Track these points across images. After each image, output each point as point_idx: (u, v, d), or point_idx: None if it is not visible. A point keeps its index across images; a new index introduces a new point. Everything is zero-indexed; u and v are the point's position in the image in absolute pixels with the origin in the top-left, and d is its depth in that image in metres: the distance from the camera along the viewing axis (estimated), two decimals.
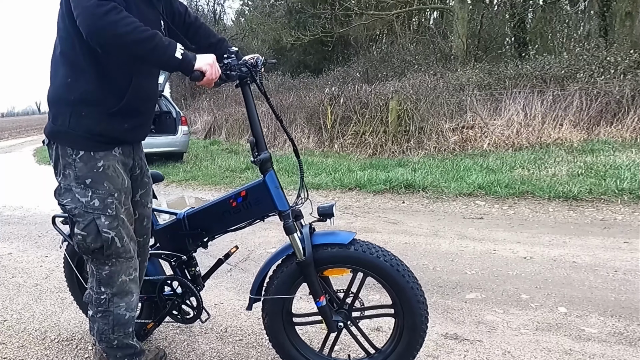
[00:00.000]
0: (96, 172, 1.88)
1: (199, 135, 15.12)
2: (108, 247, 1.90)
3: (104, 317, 2.03)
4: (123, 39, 1.61)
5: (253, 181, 2.20)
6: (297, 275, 2.13)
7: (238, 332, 2.84)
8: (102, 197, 1.88)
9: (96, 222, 1.87)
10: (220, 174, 8.26)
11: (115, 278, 1.98)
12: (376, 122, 9.50)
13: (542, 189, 5.54)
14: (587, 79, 10.09)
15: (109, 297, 1.99)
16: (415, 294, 2.06)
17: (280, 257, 2.18)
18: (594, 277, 3.37)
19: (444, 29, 20.34)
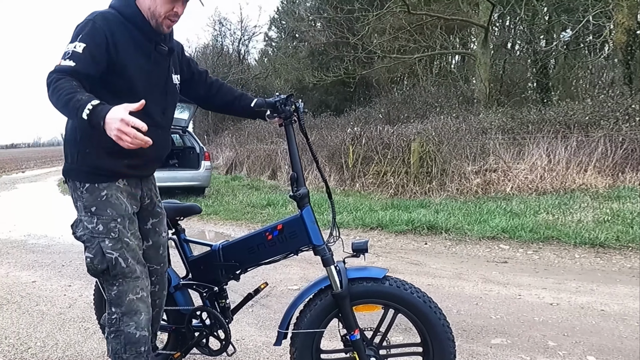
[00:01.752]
0: (100, 201, 2.02)
1: (220, 170, 15.30)
2: (113, 268, 2.00)
3: (116, 337, 2.09)
4: (56, 104, 1.77)
5: (289, 215, 2.25)
6: (331, 309, 2.14)
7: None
8: (105, 222, 2.01)
9: (101, 244, 2.00)
10: (242, 209, 8.32)
11: (123, 297, 2.05)
12: (398, 163, 9.54)
13: (567, 235, 5.47)
14: (612, 125, 10.05)
15: (119, 316, 2.07)
16: (445, 332, 2.07)
17: (315, 290, 2.18)
18: (623, 327, 3.29)
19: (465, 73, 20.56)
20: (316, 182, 10.78)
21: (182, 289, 2.57)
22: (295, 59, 22.98)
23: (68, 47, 1.84)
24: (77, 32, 1.88)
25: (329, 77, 17.23)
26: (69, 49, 1.83)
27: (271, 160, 12.76)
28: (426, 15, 17.36)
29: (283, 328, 2.22)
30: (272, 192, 10.36)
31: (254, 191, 10.54)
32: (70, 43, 1.85)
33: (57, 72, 1.79)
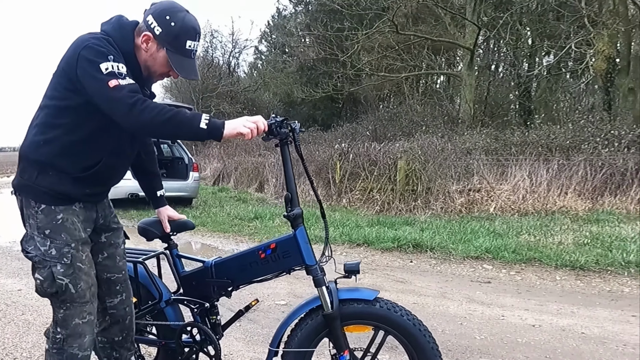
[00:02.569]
0: (55, 224, 1.99)
1: (207, 181, 15.24)
2: (62, 293, 2.00)
3: (59, 354, 2.09)
4: (151, 121, 1.79)
5: (283, 235, 2.25)
6: (321, 329, 2.14)
7: None
8: (59, 246, 1.99)
9: (52, 269, 1.98)
10: (229, 221, 8.30)
11: (69, 321, 2.05)
12: (384, 180, 9.60)
13: (549, 257, 5.55)
14: (592, 150, 10.25)
15: (64, 337, 2.06)
16: (435, 355, 2.08)
17: (306, 309, 2.18)
18: (603, 350, 3.34)
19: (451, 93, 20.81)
20: (303, 196, 10.79)
21: (172, 304, 2.55)
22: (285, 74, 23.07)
23: (108, 66, 1.82)
24: (102, 53, 1.85)
25: (317, 93, 17.34)
26: (115, 70, 1.82)
27: (259, 173, 12.75)
28: (414, 35, 17.59)
29: (274, 346, 2.22)
30: (260, 205, 10.35)
31: (241, 203, 10.52)
32: (105, 62, 1.82)
33: (133, 91, 1.81)
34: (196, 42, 2.01)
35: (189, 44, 1.98)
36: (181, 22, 1.95)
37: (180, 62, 1.99)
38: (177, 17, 1.95)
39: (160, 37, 1.95)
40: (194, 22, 2.00)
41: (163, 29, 1.95)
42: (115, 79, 1.80)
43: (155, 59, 2.01)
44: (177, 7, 1.99)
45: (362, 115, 19.60)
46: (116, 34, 1.98)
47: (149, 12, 1.99)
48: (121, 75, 1.83)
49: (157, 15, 1.95)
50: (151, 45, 1.98)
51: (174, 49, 1.97)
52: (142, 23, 2.01)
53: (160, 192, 2.56)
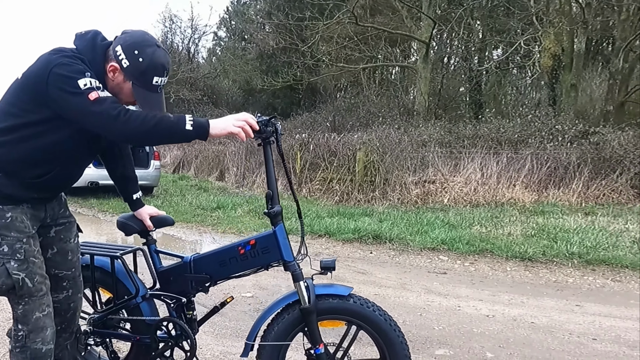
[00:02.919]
0: (4, 223, 1.98)
1: (167, 169, 14.99)
2: (20, 288, 2.00)
3: (23, 352, 2.10)
4: (136, 129, 1.82)
5: (262, 232, 2.30)
6: (297, 323, 2.19)
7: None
8: (10, 243, 1.99)
9: (6, 266, 1.98)
10: (192, 211, 8.22)
11: (29, 316, 2.06)
12: (344, 171, 9.71)
13: (500, 248, 5.79)
14: (538, 144, 10.69)
15: (26, 333, 2.07)
16: (403, 349, 2.18)
17: (283, 304, 2.23)
18: (551, 339, 3.55)
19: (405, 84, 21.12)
20: (263, 186, 10.79)
21: (148, 300, 2.55)
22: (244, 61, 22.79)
23: (87, 82, 1.82)
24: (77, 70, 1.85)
25: (278, 83, 17.23)
26: (92, 85, 1.82)
27: (219, 162, 12.64)
28: (372, 27, 17.71)
29: (251, 340, 2.27)
30: (221, 194, 10.28)
31: (203, 192, 10.42)
32: (82, 79, 1.82)
33: (114, 102, 1.84)
34: (163, 78, 1.99)
35: (155, 79, 1.96)
36: (149, 58, 1.92)
37: (145, 97, 1.97)
38: (145, 53, 1.92)
39: (127, 70, 1.92)
40: (163, 58, 1.97)
41: (130, 63, 1.92)
42: (95, 91, 1.81)
43: (122, 89, 1.98)
44: (147, 42, 1.95)
45: (321, 105, 19.67)
46: (88, 54, 1.95)
47: (118, 42, 1.95)
48: (100, 89, 1.84)
49: (125, 48, 1.92)
50: (117, 76, 1.96)
51: (140, 83, 1.95)
52: (111, 50, 1.96)
53: (137, 195, 2.55)
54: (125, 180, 2.54)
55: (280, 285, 4.59)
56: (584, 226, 7.00)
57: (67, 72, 1.82)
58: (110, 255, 2.50)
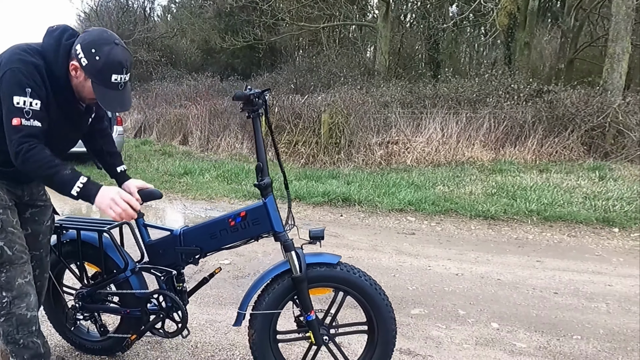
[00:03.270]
0: None
1: (128, 134, 14.56)
2: (0, 256, 2.07)
3: (8, 320, 2.16)
4: (32, 173, 1.98)
5: (252, 203, 2.33)
6: (288, 292, 2.26)
7: (209, 348, 2.91)
8: None
9: None
10: (159, 177, 8.09)
11: (12, 282, 2.12)
12: (309, 133, 9.70)
13: (463, 208, 5.99)
14: (495, 103, 10.91)
15: (10, 300, 2.13)
16: (388, 311, 2.29)
17: (274, 273, 2.28)
18: (516, 295, 3.76)
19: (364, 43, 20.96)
20: (229, 149, 10.69)
21: (137, 273, 2.56)
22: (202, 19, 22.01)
23: (21, 101, 1.87)
24: (21, 83, 1.88)
25: (239, 42, 16.77)
26: (25, 106, 1.87)
27: (182, 125, 12.37)
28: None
29: (243, 309, 2.32)
30: (187, 159, 10.12)
31: (167, 157, 10.23)
32: (19, 96, 1.87)
33: (27, 136, 1.89)
34: (123, 75, 1.99)
35: (114, 77, 1.96)
36: (106, 56, 1.93)
37: (105, 95, 1.99)
38: (102, 51, 1.93)
39: (85, 68, 1.95)
40: (121, 55, 1.97)
41: (88, 61, 1.94)
42: (19, 117, 1.88)
43: (84, 87, 2.01)
44: (105, 39, 1.96)
45: (281, 65, 19.34)
46: (51, 55, 1.98)
47: (78, 41, 1.97)
48: (28, 115, 1.89)
49: (84, 47, 1.94)
50: (79, 74, 1.98)
51: (99, 81, 1.96)
52: (72, 49, 1.98)
53: (121, 167, 2.53)
54: (107, 154, 2.53)
55: (257, 251, 4.63)
56: (540, 183, 7.29)
57: (12, 81, 1.88)
58: (98, 229, 2.48)
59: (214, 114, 11.67)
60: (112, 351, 2.72)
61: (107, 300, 2.66)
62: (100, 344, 2.71)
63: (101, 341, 2.71)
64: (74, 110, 2.16)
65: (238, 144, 10.76)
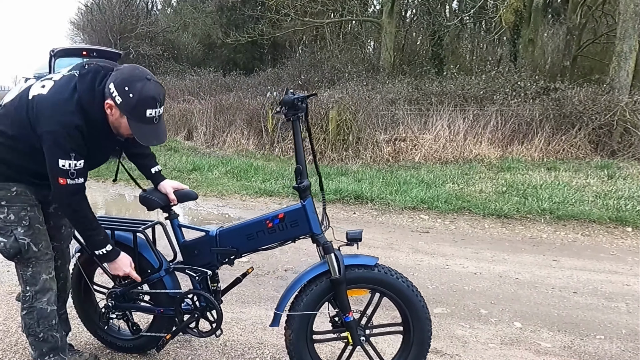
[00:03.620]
0: (10, 195, 2.18)
1: None
2: (26, 252, 2.21)
3: (29, 313, 2.31)
4: (74, 223, 2.24)
5: (290, 205, 2.36)
6: (326, 293, 2.29)
7: (238, 346, 2.94)
8: (16, 211, 2.20)
9: (14, 232, 2.19)
10: (167, 174, 8.01)
11: (37, 277, 2.28)
12: (316, 130, 9.70)
13: (476, 206, 6.02)
14: (502, 100, 10.92)
15: (33, 294, 2.29)
16: (425, 312, 2.33)
17: (312, 275, 2.31)
18: (536, 294, 3.79)
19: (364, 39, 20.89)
20: (235, 145, 10.70)
21: (171, 273, 2.59)
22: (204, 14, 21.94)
23: (66, 164, 2.03)
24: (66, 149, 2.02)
25: (243, 37, 16.73)
26: (70, 169, 2.04)
27: (187, 120, 12.35)
28: None
29: (280, 310, 2.34)
30: (193, 155, 10.12)
31: (174, 153, 10.22)
32: (64, 160, 2.02)
33: (73, 194, 2.10)
34: (157, 110, 2.06)
35: (149, 112, 2.03)
36: (139, 93, 1.99)
37: (141, 130, 2.07)
38: (135, 88, 1.99)
39: (120, 106, 2.02)
40: (154, 90, 2.03)
41: (122, 99, 2.00)
42: (65, 177, 2.04)
43: (120, 124, 2.10)
44: (137, 76, 2.03)
45: (284, 61, 19.30)
46: (88, 104, 2.06)
47: (111, 80, 2.04)
48: (72, 175, 2.05)
49: (117, 85, 2.00)
50: (115, 112, 2.06)
51: (134, 118, 2.03)
52: (106, 88, 2.04)
53: (155, 168, 2.59)
54: (141, 156, 2.60)
55: None
56: (549, 182, 7.31)
57: (56, 145, 2.02)
58: (133, 229, 2.50)
59: (219, 110, 11.65)
60: (143, 349, 2.76)
61: (139, 300, 2.69)
62: (132, 342, 2.74)
63: (133, 339, 2.74)
64: (112, 142, 2.29)
65: (244, 139, 10.76)
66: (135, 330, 2.72)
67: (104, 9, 20.04)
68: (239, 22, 21.77)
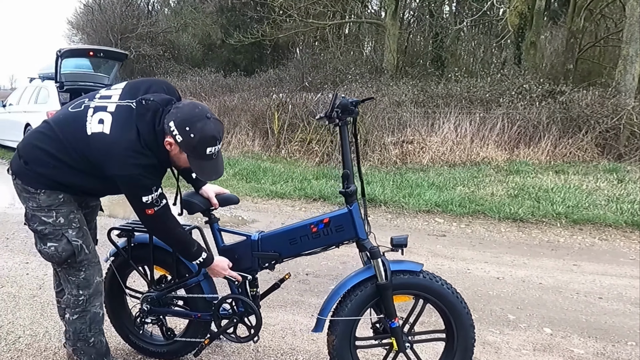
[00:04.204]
0: (58, 202, 2.20)
1: None
2: (79, 254, 2.22)
3: (81, 317, 2.30)
4: (171, 241, 2.30)
5: (336, 210, 2.34)
6: (371, 298, 2.28)
7: (270, 352, 2.92)
8: (65, 214, 2.21)
9: (65, 234, 2.19)
10: None
11: (91, 280, 2.29)
12: (323, 131, 9.70)
13: (491, 209, 6.01)
14: (509, 103, 10.95)
15: (87, 298, 2.29)
16: (469, 319, 2.31)
17: (357, 280, 2.29)
18: (561, 299, 3.79)
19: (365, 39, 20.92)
20: (240, 146, 10.67)
21: (209, 278, 2.56)
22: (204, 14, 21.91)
23: (149, 198, 2.08)
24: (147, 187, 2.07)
25: (247, 39, 16.70)
26: (154, 200, 2.09)
27: None
28: None
29: (324, 315, 2.32)
30: None
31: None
32: (147, 195, 2.07)
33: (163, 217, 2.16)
34: (216, 147, 2.10)
35: (209, 150, 2.06)
36: (200, 132, 2.01)
37: (201, 166, 2.11)
38: (196, 128, 2.01)
39: (181, 144, 2.05)
40: (214, 129, 2.06)
41: (183, 138, 2.02)
42: (152, 208, 2.10)
43: (179, 159, 2.12)
44: (197, 116, 2.04)
45: (285, 62, 19.26)
46: (151, 143, 2.08)
47: (170, 117, 2.05)
48: (157, 203, 2.11)
49: (178, 124, 2.02)
50: (174, 148, 2.08)
51: (195, 155, 2.06)
52: (166, 125, 2.05)
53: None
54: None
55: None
56: (560, 185, 7.32)
57: (137, 185, 2.06)
58: None
59: (223, 111, 11.63)
60: (177, 355, 2.73)
61: (175, 304, 2.67)
62: (166, 347, 2.71)
63: (167, 345, 2.71)
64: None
65: (249, 141, 10.74)
66: (170, 335, 2.69)
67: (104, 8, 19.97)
68: (239, 22, 21.75)
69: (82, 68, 9.46)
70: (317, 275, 4.16)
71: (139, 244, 2.59)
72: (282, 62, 19.69)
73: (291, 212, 6.20)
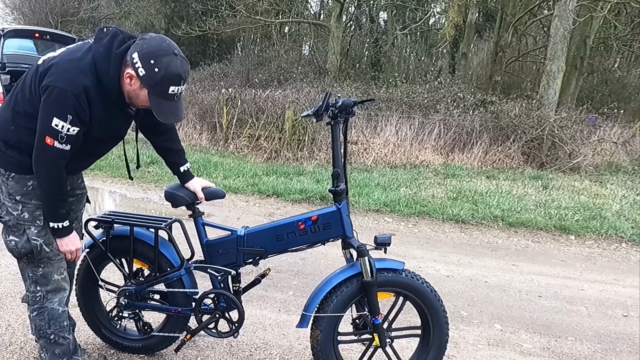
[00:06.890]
0: (26, 190, 2.07)
1: None
2: (38, 253, 2.12)
3: (40, 314, 2.22)
4: (44, 186, 2.01)
5: (324, 207, 2.36)
6: (355, 295, 2.32)
7: (245, 347, 2.90)
8: (30, 210, 2.08)
9: (26, 231, 2.09)
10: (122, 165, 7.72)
11: (49, 277, 2.19)
12: (272, 128, 9.64)
13: (435, 211, 6.23)
14: (445, 110, 11.38)
15: (44, 294, 2.21)
16: (444, 316, 2.42)
17: (343, 277, 2.32)
18: (506, 297, 4.00)
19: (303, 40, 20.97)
20: (187, 140, 10.39)
21: (190, 272, 2.51)
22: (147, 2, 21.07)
23: (59, 124, 1.87)
24: (64, 109, 1.87)
25: (194, 31, 16.24)
26: (62, 131, 1.89)
27: None
28: None
29: (310, 311, 2.33)
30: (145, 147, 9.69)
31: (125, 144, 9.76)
32: (59, 119, 1.87)
33: (58, 159, 1.95)
34: (180, 87, 1.97)
35: (172, 89, 1.93)
36: (165, 68, 1.88)
37: (161, 106, 1.96)
38: (161, 63, 1.88)
39: (142, 78, 1.90)
40: (180, 67, 1.93)
41: (146, 72, 1.88)
42: (53, 138, 1.89)
43: (138, 96, 1.97)
44: (164, 50, 1.90)
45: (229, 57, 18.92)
46: (102, 67, 1.92)
47: (135, 48, 1.90)
48: (62, 139, 1.91)
49: (142, 57, 1.88)
50: (134, 82, 1.93)
51: (156, 92, 1.93)
52: (128, 57, 1.91)
53: (184, 167, 2.48)
54: (170, 152, 2.48)
55: None
56: (492, 189, 7.69)
57: (55, 103, 1.87)
58: (155, 226, 2.40)
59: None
60: (153, 350, 2.65)
61: (152, 298, 2.59)
62: (141, 342, 2.63)
63: (142, 340, 2.62)
64: (122, 113, 2.11)
65: (196, 134, 10.49)
66: (147, 330, 2.61)
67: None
68: (183, 14, 21.14)
69: (25, 50, 8.84)
70: (279, 270, 4.15)
71: (117, 236, 2.48)
72: (227, 57, 19.34)
73: (245, 207, 6.13)
